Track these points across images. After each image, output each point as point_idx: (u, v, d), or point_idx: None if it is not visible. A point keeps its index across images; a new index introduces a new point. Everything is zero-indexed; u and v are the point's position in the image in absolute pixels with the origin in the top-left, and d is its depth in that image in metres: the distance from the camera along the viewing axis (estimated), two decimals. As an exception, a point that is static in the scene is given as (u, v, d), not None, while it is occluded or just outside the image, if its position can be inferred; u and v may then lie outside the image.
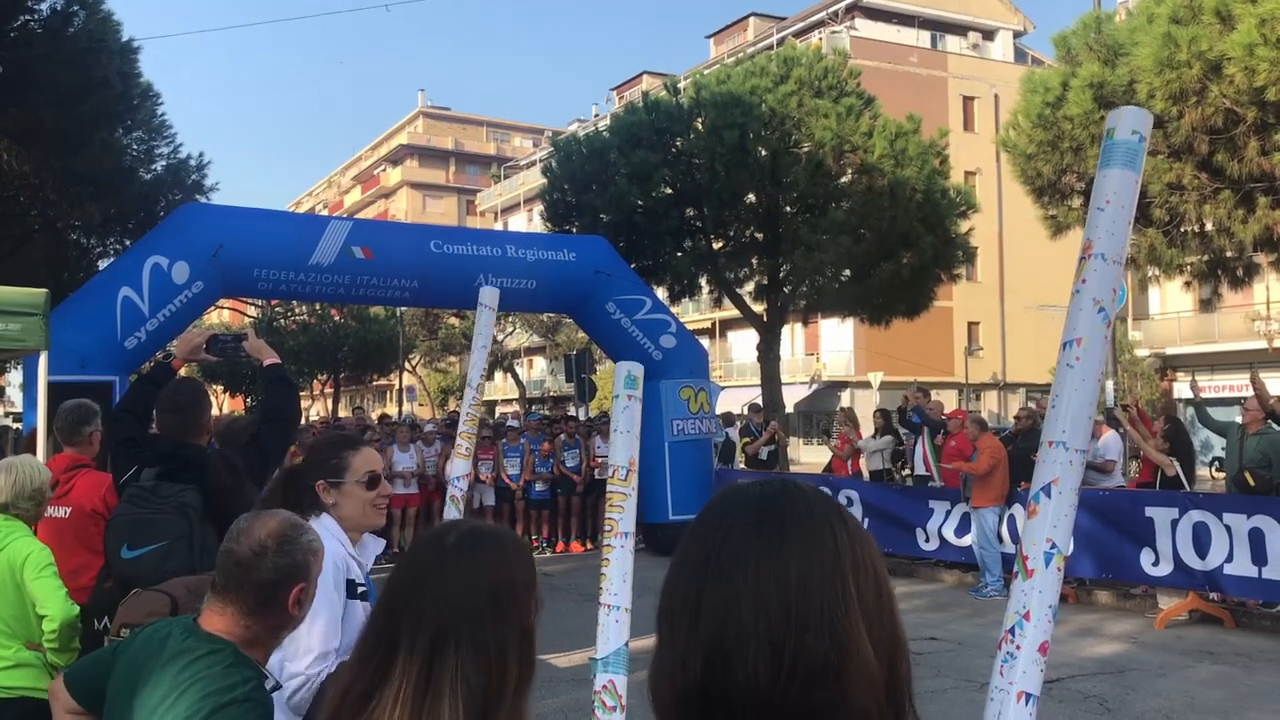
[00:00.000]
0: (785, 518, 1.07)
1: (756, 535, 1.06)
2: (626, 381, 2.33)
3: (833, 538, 1.05)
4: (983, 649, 9.00)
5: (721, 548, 1.06)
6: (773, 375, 21.58)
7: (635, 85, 54.44)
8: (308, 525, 2.28)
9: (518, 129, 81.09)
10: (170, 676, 2.02)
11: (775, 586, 1.02)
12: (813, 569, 1.03)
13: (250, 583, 2.11)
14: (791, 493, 1.10)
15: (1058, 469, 1.79)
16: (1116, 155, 1.89)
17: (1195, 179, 15.42)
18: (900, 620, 1.07)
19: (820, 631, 1.00)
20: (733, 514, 1.09)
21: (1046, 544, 1.73)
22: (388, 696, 1.37)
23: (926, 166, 20.61)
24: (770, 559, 1.03)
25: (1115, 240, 1.82)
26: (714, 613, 1.03)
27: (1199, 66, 14.06)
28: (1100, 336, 1.84)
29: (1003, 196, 39.53)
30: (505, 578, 1.47)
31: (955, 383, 41.99)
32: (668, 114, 20.94)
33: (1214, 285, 19.40)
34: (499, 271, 14.98)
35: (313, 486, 2.84)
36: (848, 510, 1.12)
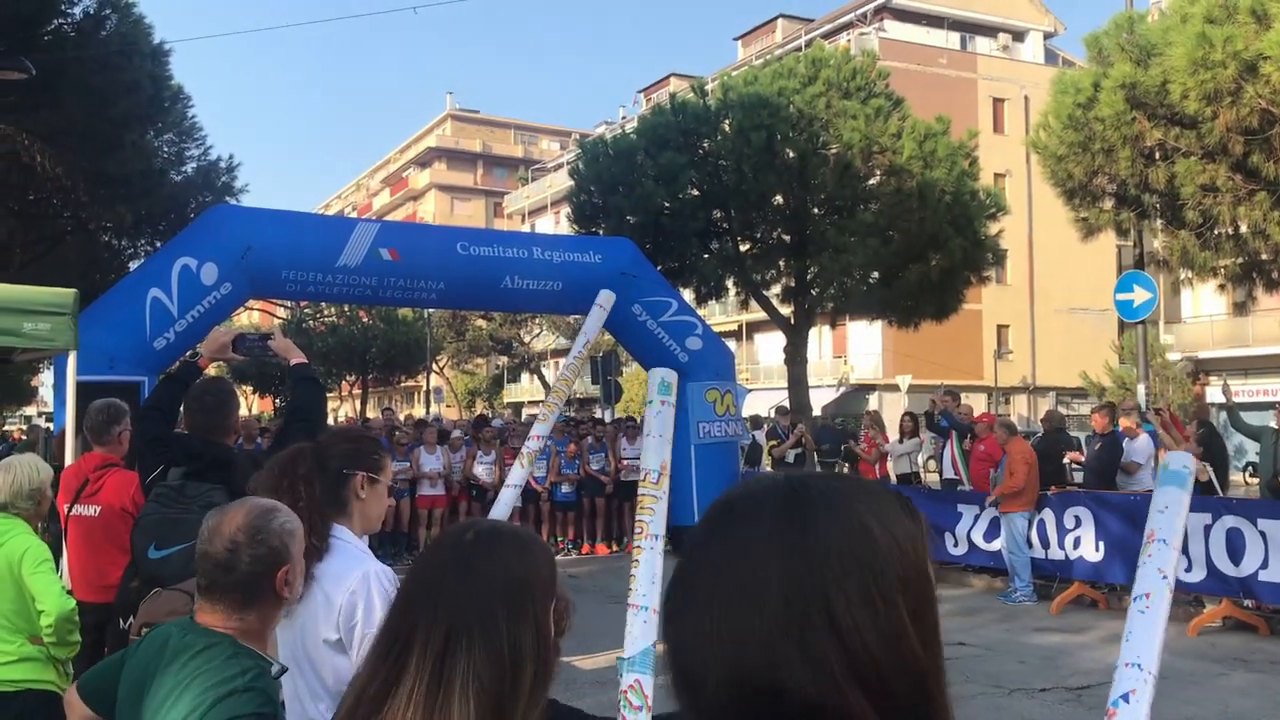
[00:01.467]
0: (743, 528, 0.98)
1: (712, 551, 0.98)
2: (660, 387, 2.33)
3: (800, 551, 0.95)
4: (1011, 654, 8.92)
5: (724, 547, 0.99)
6: (800, 378, 21.49)
7: (663, 87, 54.39)
8: (277, 506, 2.22)
9: (545, 131, 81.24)
10: (172, 675, 2.02)
11: (719, 612, 0.95)
12: (761, 590, 0.93)
13: (232, 581, 2.10)
14: (808, 488, 1.00)
15: (1134, 684, 2.15)
16: (1171, 480, 2.39)
17: (1229, 180, 15.23)
18: (914, 639, 0.96)
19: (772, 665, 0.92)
20: (703, 526, 1.02)
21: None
22: (401, 695, 1.35)
23: (956, 168, 20.48)
24: (714, 580, 0.96)
25: (1173, 532, 2.26)
26: (671, 633, 0.98)
27: (1234, 66, 13.89)
28: (1165, 596, 2.22)
29: (1033, 199, 39.21)
30: (522, 577, 1.45)
31: (984, 386, 41.71)
32: (695, 115, 20.91)
33: (1248, 288, 19.16)
34: (525, 273, 14.99)
35: (348, 475, 2.74)
36: (881, 494, 1.02)
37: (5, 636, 4.07)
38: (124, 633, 3.61)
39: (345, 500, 2.71)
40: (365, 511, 2.78)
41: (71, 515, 5.14)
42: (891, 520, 0.99)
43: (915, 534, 1.00)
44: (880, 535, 0.97)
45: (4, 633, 4.07)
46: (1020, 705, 7.33)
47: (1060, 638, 9.60)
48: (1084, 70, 17.71)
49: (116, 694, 2.15)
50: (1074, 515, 11.30)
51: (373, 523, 2.84)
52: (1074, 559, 11.17)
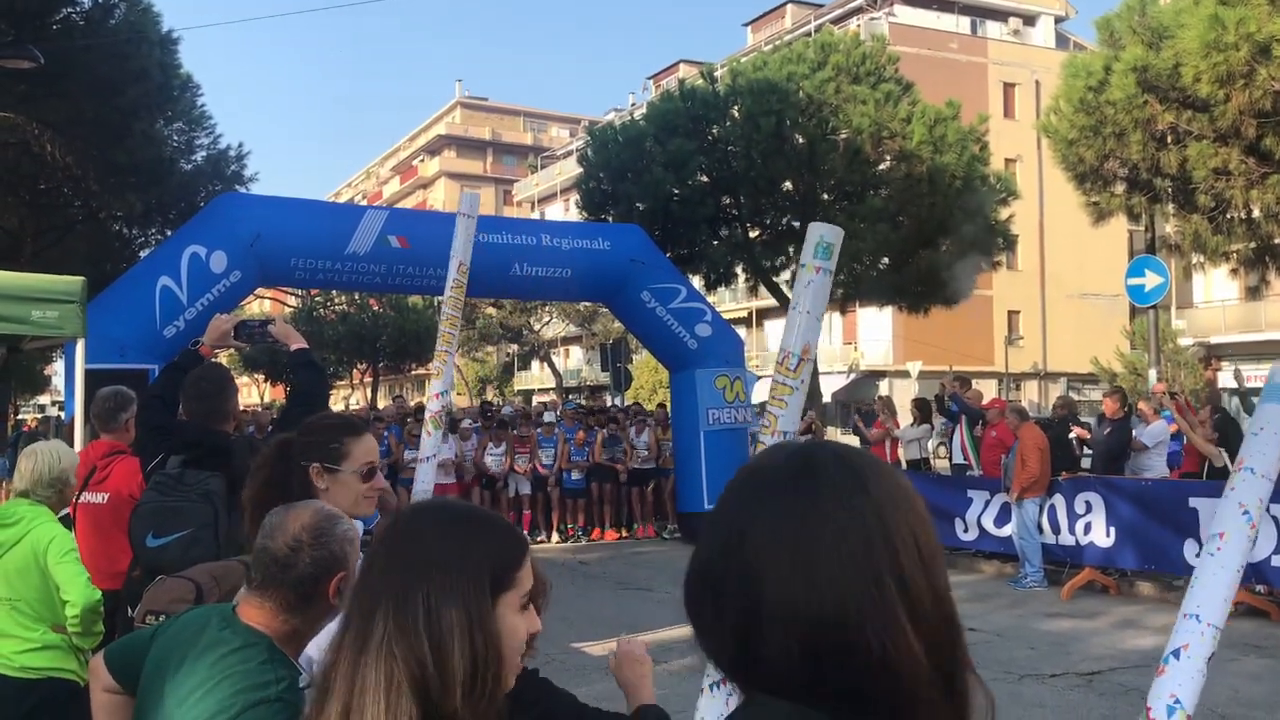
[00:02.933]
0: (808, 488, 1.01)
1: (781, 510, 1.00)
2: (820, 250, 2.02)
3: (865, 508, 0.99)
4: (1022, 640, 8.90)
5: (745, 525, 1.01)
6: (810, 364, 21.45)
7: (672, 74, 54.23)
8: (341, 514, 2.22)
9: (554, 119, 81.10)
10: (205, 667, 2.00)
11: (799, 565, 0.97)
12: (839, 544, 0.97)
13: (289, 580, 2.08)
14: (817, 461, 1.03)
15: (1190, 637, 2.03)
16: (1273, 394, 2.08)
17: (1242, 164, 15.14)
18: (949, 592, 1.01)
19: (849, 613, 0.95)
20: (756, 489, 1.04)
21: (1170, 698, 1.91)
22: (336, 667, 1.37)
23: (966, 153, 20.39)
24: (794, 535, 0.98)
25: (1266, 459, 2.03)
26: (738, 595, 0.99)
27: (1247, 48, 13.79)
28: (1244, 536, 2.07)
29: (1044, 184, 39.04)
30: (453, 556, 1.41)
31: (995, 372, 41.61)
32: (704, 102, 20.84)
33: (1261, 272, 19.06)
34: (534, 260, 14.97)
35: (305, 467, 2.69)
36: (884, 469, 1.05)
37: (28, 624, 4.07)
38: (132, 620, 3.61)
39: (306, 493, 2.64)
40: (331, 502, 2.69)
41: (80, 502, 5.15)
42: (910, 484, 1.06)
43: (922, 498, 1.06)
44: (914, 496, 1.04)
45: (27, 620, 4.07)
46: (1031, 691, 7.31)
47: (1071, 623, 9.58)
48: (1095, 53, 17.61)
49: (141, 668, 2.14)
50: (1085, 501, 11.26)
51: (347, 511, 2.76)
52: (1085, 544, 11.14)
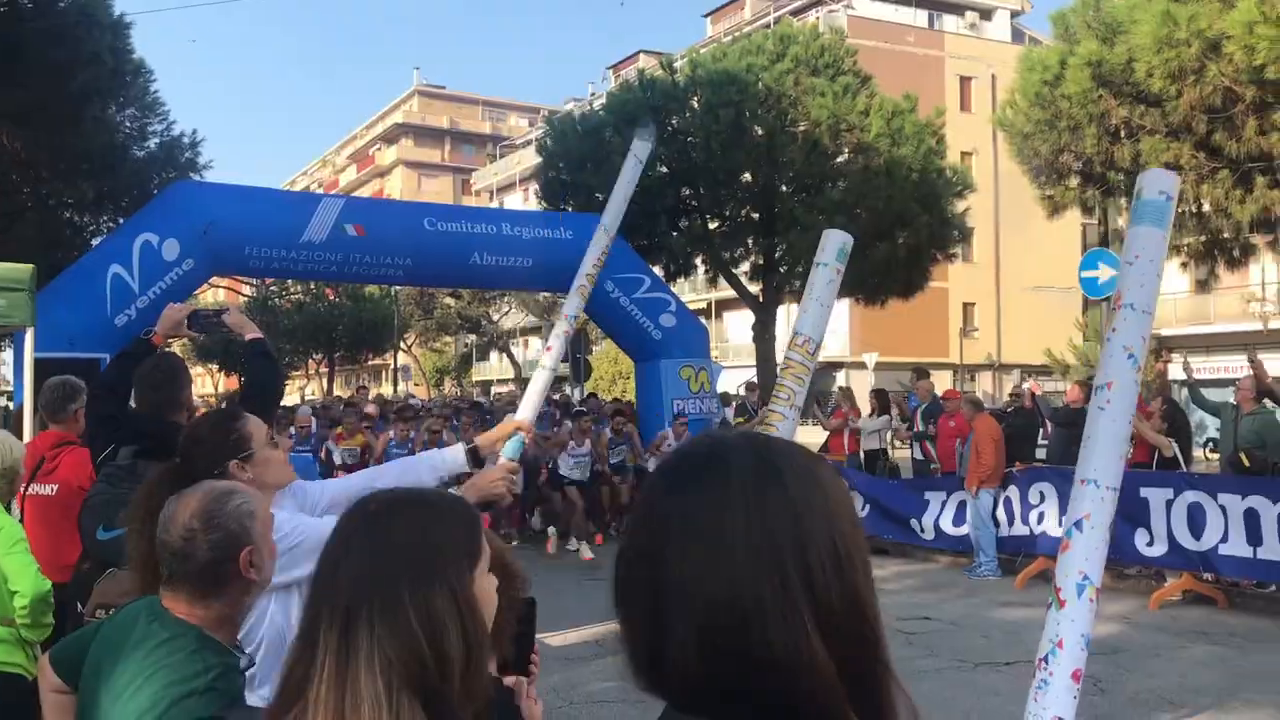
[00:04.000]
0: (721, 479, 0.97)
1: (693, 498, 0.97)
2: (838, 253, 2.28)
3: (777, 503, 0.95)
4: (976, 629, 9.00)
5: (659, 511, 0.98)
6: (768, 356, 21.53)
7: (631, 64, 54.14)
8: (233, 488, 2.17)
9: (513, 108, 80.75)
10: (135, 663, 1.97)
11: (704, 555, 0.93)
12: (746, 536, 0.93)
13: (192, 570, 2.04)
14: (737, 452, 0.99)
15: (1090, 505, 1.82)
16: (1146, 213, 1.96)
17: (1193, 159, 15.36)
18: (868, 595, 0.97)
19: (747, 607, 0.91)
20: (675, 477, 1.00)
21: (1079, 575, 1.79)
22: (317, 675, 1.31)
23: (923, 146, 20.52)
24: (701, 524, 0.95)
25: (1145, 292, 1.90)
26: (647, 581, 0.96)
27: (1198, 45, 13.98)
28: (1131, 382, 1.90)
29: (999, 177, 39.40)
30: (426, 543, 1.38)
31: (950, 364, 41.98)
32: (663, 92, 20.81)
33: (1210, 266, 19.36)
34: (494, 249, 14.92)
35: (221, 475, 2.64)
36: (808, 466, 1.00)
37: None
38: (82, 615, 3.55)
39: None
40: (263, 483, 2.73)
41: (28, 494, 5.06)
42: (837, 480, 1.01)
43: (849, 496, 1.02)
44: (835, 494, 0.99)
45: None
46: (985, 679, 7.40)
47: (1024, 612, 9.68)
48: (1051, 48, 17.78)
49: (83, 666, 2.11)
50: (1039, 491, 11.40)
51: (275, 478, 2.82)
52: (1038, 534, 11.27)
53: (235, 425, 2.79)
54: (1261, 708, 6.56)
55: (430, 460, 3.68)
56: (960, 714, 6.52)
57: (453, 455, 3.65)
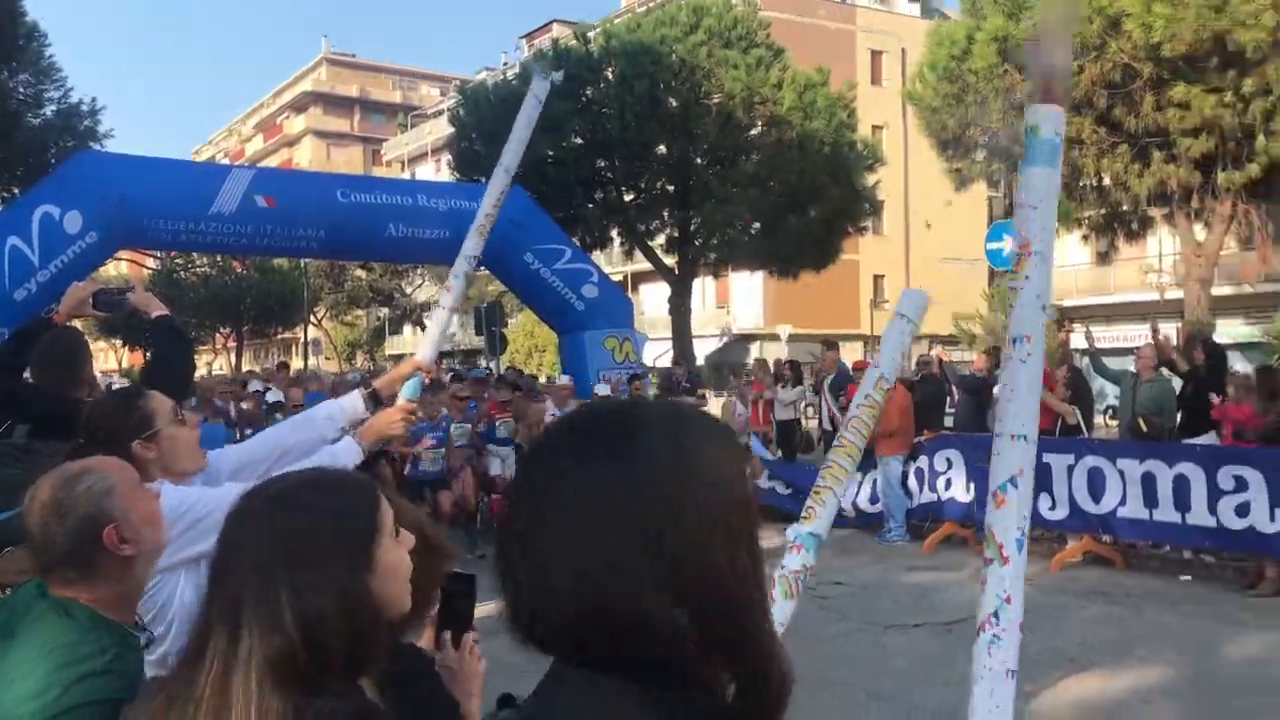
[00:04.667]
0: (596, 445, 0.98)
1: (566, 463, 0.98)
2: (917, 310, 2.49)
3: (649, 471, 0.95)
4: (885, 592, 9.24)
5: (536, 477, 0.99)
6: (684, 328, 21.69)
7: (545, 34, 53.64)
8: (84, 469, 2.06)
9: (425, 77, 79.53)
10: (26, 646, 1.91)
11: (569, 519, 0.94)
12: (610, 501, 0.94)
13: (57, 558, 1.97)
14: (644, 414, 1.01)
15: (1021, 460, 1.90)
16: (1041, 154, 1.95)
17: (1094, 133, 15.81)
18: (739, 569, 0.96)
19: (603, 572, 0.92)
20: (554, 443, 1.02)
21: (1017, 531, 1.83)
22: (202, 679, 1.29)
23: (835, 119, 20.78)
24: (567, 489, 0.96)
25: (1047, 237, 1.89)
26: (523, 550, 0.98)
27: (1099, 22, 14.37)
28: (1043, 332, 1.95)
29: (908, 151, 40.01)
30: (312, 529, 1.34)
31: (861, 335, 42.64)
32: (578, 63, 20.73)
33: (1111, 238, 19.97)
34: (410, 221, 14.77)
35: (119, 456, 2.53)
36: (688, 437, 1.00)
37: None
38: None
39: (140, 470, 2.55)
40: (167, 463, 2.67)
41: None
42: (717, 449, 1.01)
43: (738, 462, 1.02)
44: (709, 463, 0.99)
45: None
46: (894, 641, 7.61)
47: (932, 575, 9.97)
48: (959, 23, 18.10)
49: None
50: (946, 458, 11.68)
51: (185, 461, 2.74)
52: (945, 500, 11.56)
53: (138, 403, 2.71)
54: (1155, 664, 6.86)
55: (328, 410, 3.62)
56: (872, 674, 6.72)
57: (350, 402, 3.59)
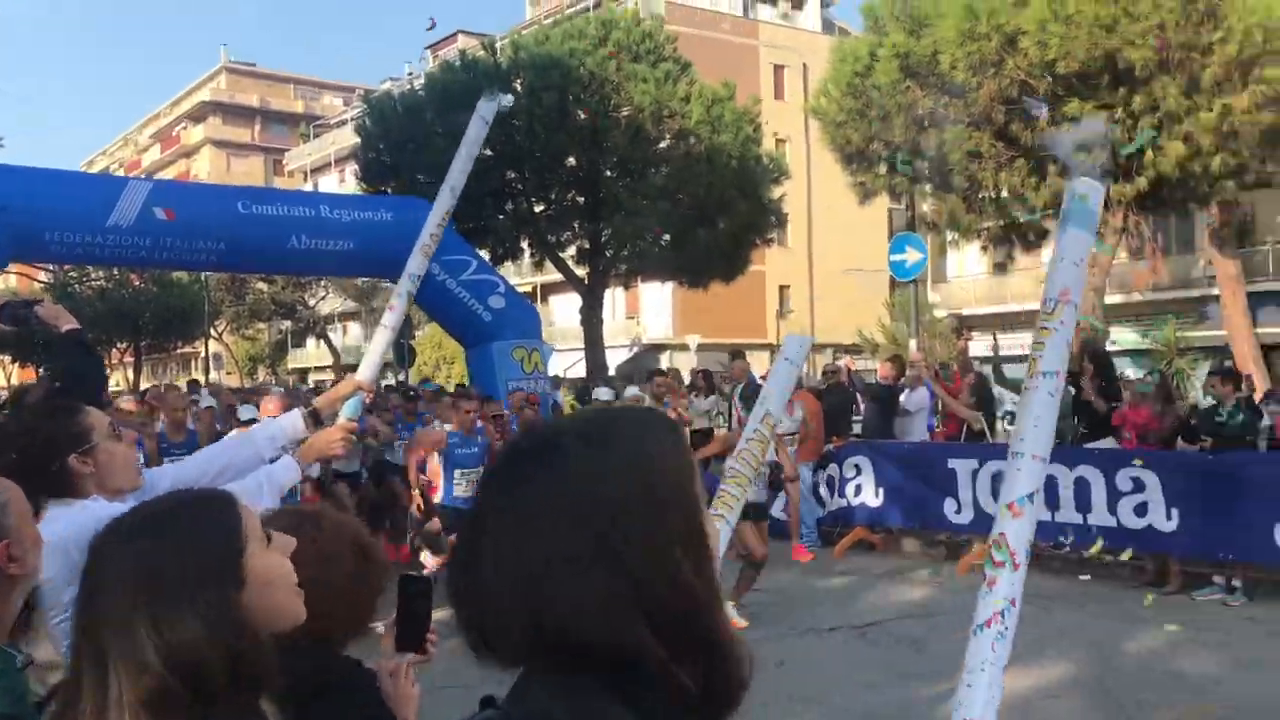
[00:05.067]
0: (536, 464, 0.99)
1: (512, 482, 0.99)
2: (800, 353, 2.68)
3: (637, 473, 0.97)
4: (800, 598, 9.37)
5: (487, 496, 1.01)
6: (596, 339, 21.72)
7: (450, 44, 53.34)
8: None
9: (328, 87, 78.40)
10: None
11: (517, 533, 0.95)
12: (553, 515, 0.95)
13: None
14: (582, 431, 1.01)
15: (1039, 479, 2.24)
16: (1082, 219, 2.42)
17: (993, 147, 16.27)
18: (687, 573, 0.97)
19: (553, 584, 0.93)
20: (502, 465, 1.03)
21: (1027, 543, 2.11)
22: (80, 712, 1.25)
23: (741, 133, 21.04)
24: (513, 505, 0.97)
25: (1079, 287, 2.33)
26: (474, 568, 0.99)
27: (997, 39, 14.81)
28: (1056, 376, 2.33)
29: (811, 164, 40.65)
30: (167, 555, 1.30)
31: (768, 344, 43.15)
32: (486, 74, 20.66)
33: (1008, 249, 20.57)
34: (313, 232, 14.54)
35: (59, 470, 2.50)
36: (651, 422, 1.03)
37: None
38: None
39: (72, 485, 2.53)
40: (104, 479, 2.61)
41: None
42: (663, 451, 1.01)
43: (682, 459, 1.02)
44: (656, 469, 0.99)
45: None
46: (810, 645, 7.73)
47: (844, 580, 10.14)
48: (861, 39, 18.50)
49: None
50: (854, 464, 11.90)
51: (122, 478, 2.68)
52: (855, 505, 11.78)
53: (75, 417, 2.64)
54: (1062, 663, 7.08)
55: (268, 430, 3.59)
56: (793, 679, 6.80)
57: (290, 421, 3.57)
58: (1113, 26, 13.98)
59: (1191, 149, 14.53)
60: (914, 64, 16.54)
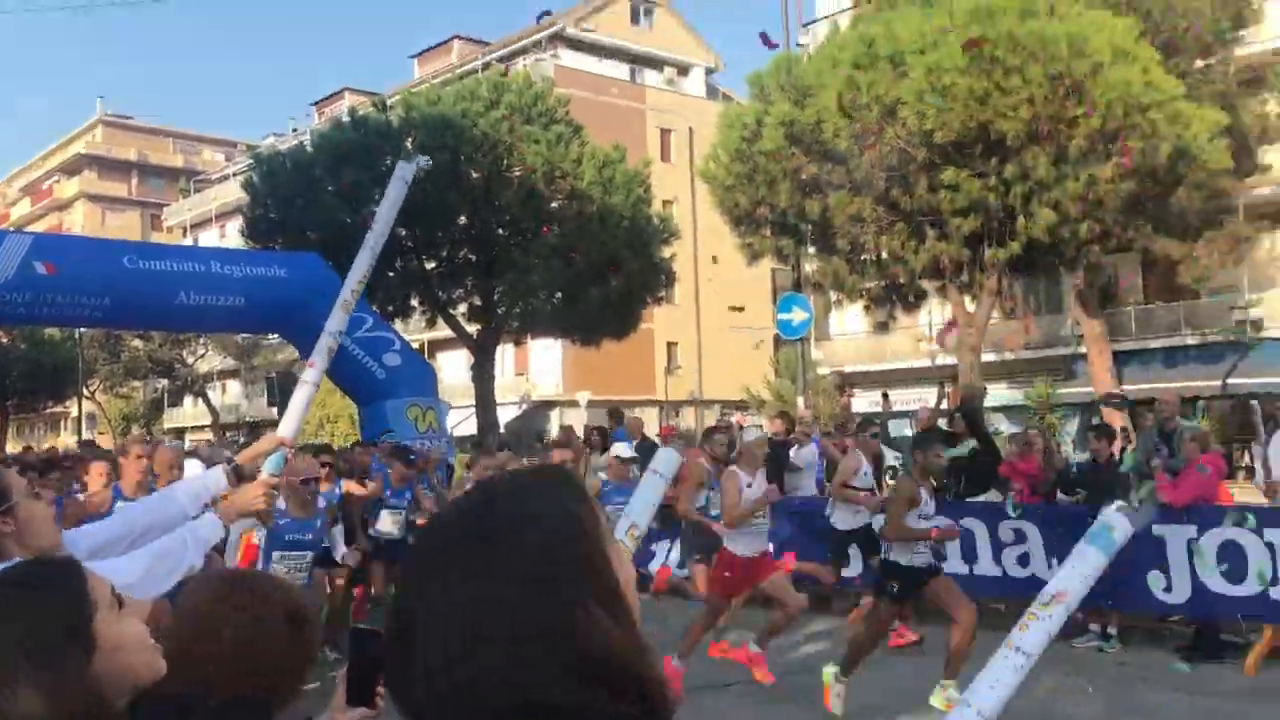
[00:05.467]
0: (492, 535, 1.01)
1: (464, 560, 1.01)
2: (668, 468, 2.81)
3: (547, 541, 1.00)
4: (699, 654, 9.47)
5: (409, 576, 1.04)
6: (487, 396, 21.69)
7: (338, 102, 53.12)
8: None
9: (208, 141, 77.00)
10: None
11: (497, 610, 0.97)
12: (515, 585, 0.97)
13: None
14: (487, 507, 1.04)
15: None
16: (1105, 544, 2.76)
17: (874, 212, 16.90)
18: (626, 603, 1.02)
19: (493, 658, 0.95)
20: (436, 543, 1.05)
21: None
22: None
23: (633, 195, 21.44)
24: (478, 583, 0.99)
25: (1084, 591, 2.76)
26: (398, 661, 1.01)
27: (878, 109, 15.45)
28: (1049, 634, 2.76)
29: (697, 224, 41.44)
30: (7, 630, 1.27)
31: (656, 400, 43.53)
32: (377, 132, 20.71)
33: (889, 309, 21.27)
34: (202, 288, 14.34)
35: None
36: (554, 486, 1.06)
37: None
38: None
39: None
40: (23, 538, 2.58)
41: None
42: (572, 513, 1.04)
43: (588, 517, 1.05)
44: (564, 533, 1.02)
45: None
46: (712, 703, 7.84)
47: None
48: (749, 106, 19.09)
49: None
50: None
51: (41, 537, 2.64)
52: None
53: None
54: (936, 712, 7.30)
55: (188, 487, 3.60)
56: None
57: (213, 478, 3.59)
58: (986, 99, 14.75)
59: (1060, 216, 15.33)
60: (798, 132, 17.14)
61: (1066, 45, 14.41)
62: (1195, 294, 26.80)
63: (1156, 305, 28.72)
